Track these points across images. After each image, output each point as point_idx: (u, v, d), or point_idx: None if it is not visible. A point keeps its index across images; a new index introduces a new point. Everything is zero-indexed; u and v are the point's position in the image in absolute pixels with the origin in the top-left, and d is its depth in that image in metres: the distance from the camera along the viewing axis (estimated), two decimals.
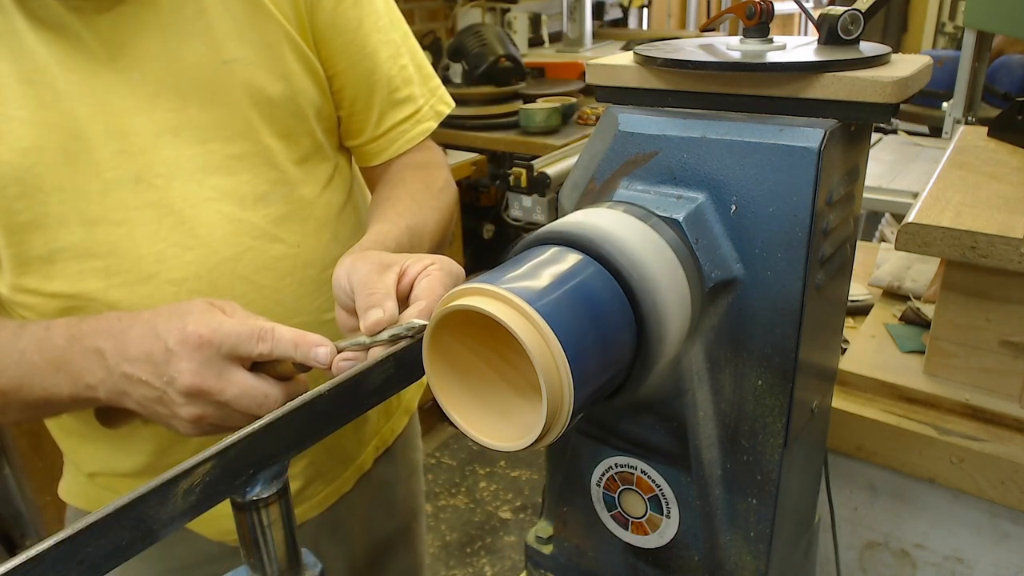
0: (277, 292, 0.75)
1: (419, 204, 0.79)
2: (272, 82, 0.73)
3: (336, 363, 0.55)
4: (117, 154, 0.68)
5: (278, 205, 0.75)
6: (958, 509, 0.83)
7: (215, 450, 0.44)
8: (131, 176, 0.68)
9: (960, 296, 0.81)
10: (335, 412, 0.51)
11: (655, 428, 0.57)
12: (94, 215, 0.67)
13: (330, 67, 0.79)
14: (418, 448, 1.08)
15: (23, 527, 1.94)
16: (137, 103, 0.68)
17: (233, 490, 0.46)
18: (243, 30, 0.72)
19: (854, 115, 0.48)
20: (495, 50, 2.50)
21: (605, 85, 0.57)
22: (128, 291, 0.69)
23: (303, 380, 0.59)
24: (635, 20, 4.18)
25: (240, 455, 0.45)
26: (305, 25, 0.76)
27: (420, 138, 0.86)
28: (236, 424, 0.56)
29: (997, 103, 2.18)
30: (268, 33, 0.73)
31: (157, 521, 0.42)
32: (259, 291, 0.74)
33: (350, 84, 0.81)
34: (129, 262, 0.69)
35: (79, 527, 0.38)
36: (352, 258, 0.62)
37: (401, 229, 0.73)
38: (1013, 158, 0.95)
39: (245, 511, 0.48)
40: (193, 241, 0.70)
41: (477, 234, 2.66)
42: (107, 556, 0.40)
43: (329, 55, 0.79)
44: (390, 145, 0.85)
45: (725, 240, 0.50)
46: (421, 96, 0.86)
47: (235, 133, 0.72)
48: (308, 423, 0.49)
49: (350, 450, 0.90)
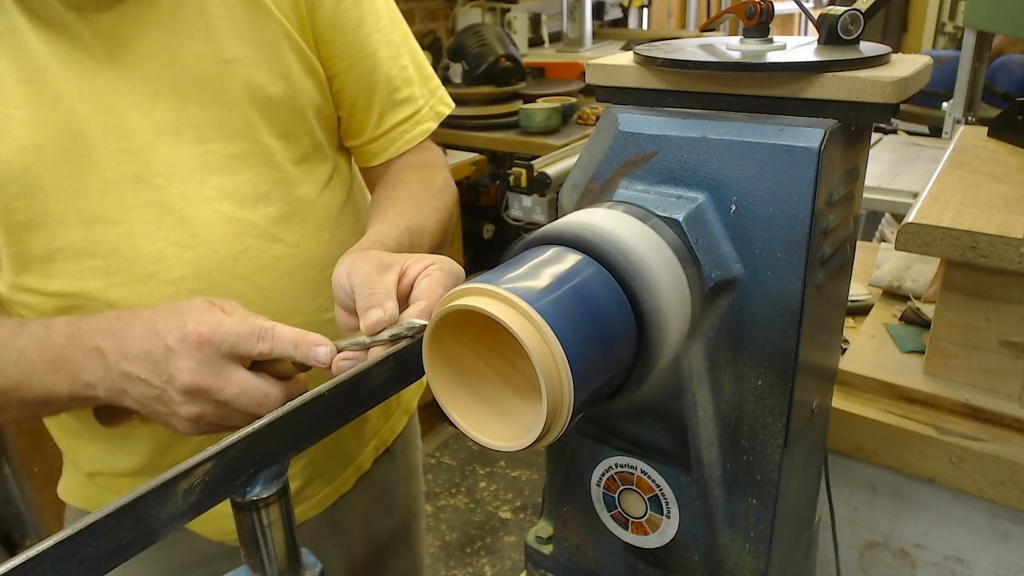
0: (276, 292, 0.75)
1: (419, 204, 0.79)
2: (272, 82, 0.73)
3: (336, 363, 0.55)
4: (117, 153, 0.68)
5: (277, 205, 0.75)
6: (958, 509, 0.83)
7: (215, 450, 0.44)
8: (131, 175, 0.68)
9: (960, 296, 0.81)
10: (335, 412, 0.51)
11: (655, 428, 0.57)
12: (94, 214, 0.67)
13: (330, 67, 0.79)
14: (418, 448, 1.08)
15: (23, 527, 1.94)
16: (137, 102, 0.68)
17: (233, 490, 0.46)
18: (243, 29, 0.72)
19: (854, 115, 0.48)
20: (495, 50, 2.50)
21: (605, 85, 0.57)
22: (127, 290, 0.69)
23: (303, 379, 0.59)
24: (635, 20, 4.18)
25: (240, 455, 0.45)
26: (305, 25, 0.76)
27: (420, 139, 0.86)
28: (235, 423, 0.56)
29: (997, 103, 2.18)
30: (268, 33, 0.73)
31: (157, 521, 0.41)
32: (258, 291, 0.74)
33: (350, 84, 0.81)
34: (128, 261, 0.69)
35: (79, 527, 0.38)
36: (352, 258, 0.62)
37: (401, 229, 0.73)
38: (1013, 158, 0.95)
39: (245, 511, 0.48)
40: (192, 240, 0.70)
41: (477, 234, 2.66)
42: (107, 556, 0.40)
43: (329, 55, 0.79)
44: (390, 145, 0.85)
45: (725, 240, 0.50)
46: (421, 96, 0.86)
47: (235, 133, 0.72)
48: (308, 423, 0.49)
49: (349, 450, 0.90)
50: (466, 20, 3.06)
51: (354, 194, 0.87)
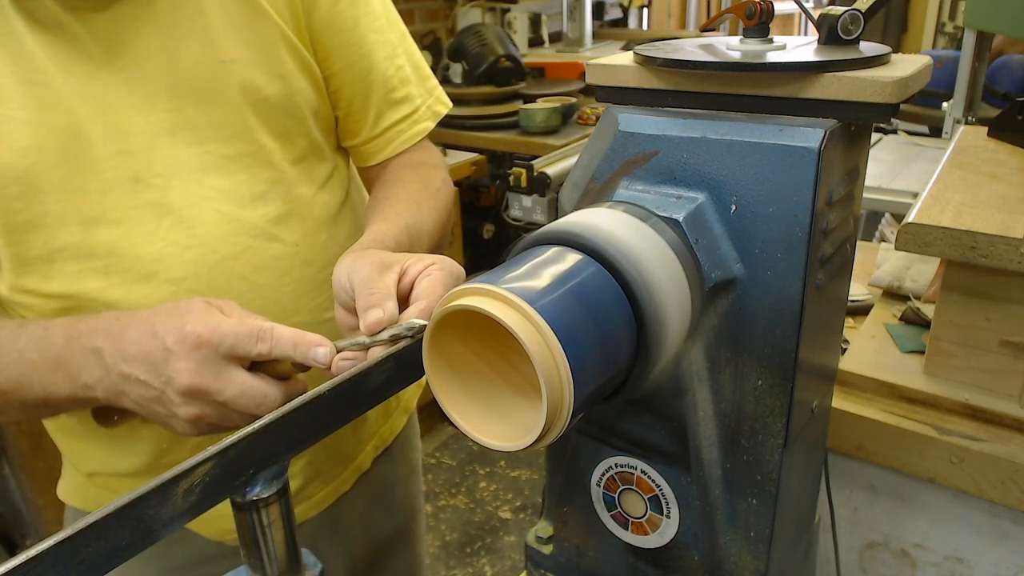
0: (275, 291, 0.75)
1: (417, 204, 0.79)
2: (269, 82, 0.73)
3: (336, 363, 0.55)
4: (116, 154, 0.68)
5: (276, 204, 0.75)
6: (958, 509, 0.83)
7: (215, 450, 0.44)
8: (130, 176, 0.68)
9: (960, 296, 0.81)
10: (335, 412, 0.51)
11: (655, 428, 0.57)
12: (93, 215, 0.67)
13: (327, 67, 0.79)
14: (417, 448, 1.08)
15: (23, 527, 1.94)
16: (135, 103, 0.68)
17: (233, 490, 0.46)
18: (240, 30, 0.72)
19: (854, 115, 0.48)
20: (495, 50, 2.50)
21: (605, 85, 0.57)
22: (127, 290, 0.69)
23: (302, 380, 0.59)
24: (635, 20, 4.18)
25: (240, 455, 0.45)
26: (302, 25, 0.76)
27: (417, 138, 0.86)
28: (235, 424, 0.56)
29: (997, 103, 2.18)
30: (265, 34, 0.73)
31: (157, 521, 0.41)
32: (257, 290, 0.74)
33: (347, 84, 0.81)
34: (128, 261, 0.69)
35: (79, 527, 0.38)
36: (352, 257, 0.62)
37: (400, 228, 0.73)
38: (1013, 158, 0.95)
39: (245, 511, 0.48)
40: (191, 240, 0.70)
41: (477, 234, 2.66)
42: (107, 556, 0.40)
43: (326, 55, 0.79)
44: (387, 145, 0.85)
45: (725, 240, 0.50)
46: (418, 96, 0.86)
47: (232, 133, 0.72)
48: (308, 423, 0.49)
49: (349, 450, 0.90)
50: (466, 20, 3.06)
51: (352, 194, 0.87)
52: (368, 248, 0.67)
